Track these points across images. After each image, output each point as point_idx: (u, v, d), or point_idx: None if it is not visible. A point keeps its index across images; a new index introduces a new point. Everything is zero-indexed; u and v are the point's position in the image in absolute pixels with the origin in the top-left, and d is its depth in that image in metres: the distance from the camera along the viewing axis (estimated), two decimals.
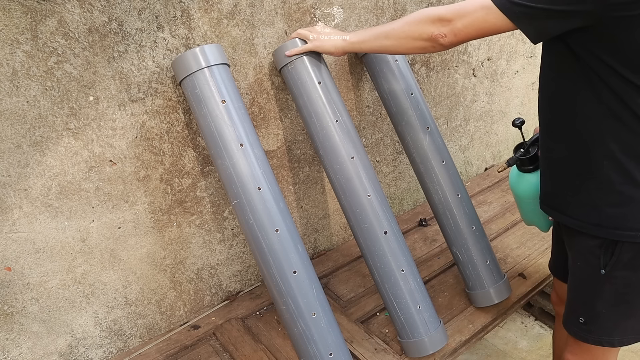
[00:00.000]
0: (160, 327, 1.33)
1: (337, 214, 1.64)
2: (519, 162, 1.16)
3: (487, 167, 2.19)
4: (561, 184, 0.93)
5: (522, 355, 1.72)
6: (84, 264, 1.14)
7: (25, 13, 0.89)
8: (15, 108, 0.93)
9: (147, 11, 1.02)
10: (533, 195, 1.14)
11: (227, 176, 1.04)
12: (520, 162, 1.15)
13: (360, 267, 1.55)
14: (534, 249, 1.60)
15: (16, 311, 1.07)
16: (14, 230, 1.02)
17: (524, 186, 1.16)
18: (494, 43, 1.88)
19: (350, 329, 1.30)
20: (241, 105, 1.07)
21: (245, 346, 1.25)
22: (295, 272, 1.05)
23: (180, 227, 1.27)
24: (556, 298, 1.26)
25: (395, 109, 1.31)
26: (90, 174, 1.07)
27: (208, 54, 1.02)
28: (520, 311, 1.87)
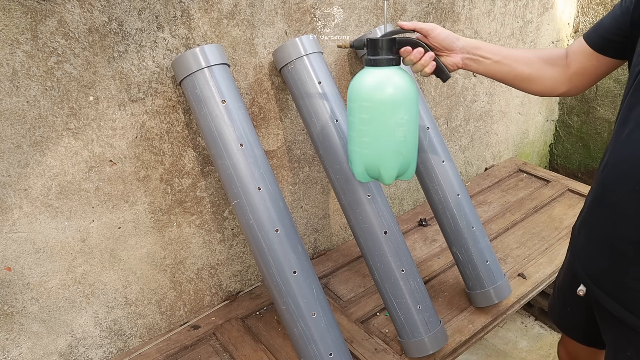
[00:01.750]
0: (160, 327, 1.33)
1: (337, 214, 1.64)
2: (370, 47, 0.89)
3: (487, 167, 2.19)
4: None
5: (522, 355, 1.72)
6: (84, 264, 1.14)
7: (25, 13, 0.89)
8: (15, 108, 0.94)
9: (147, 11, 1.02)
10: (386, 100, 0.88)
11: (227, 176, 1.04)
12: (373, 47, 0.89)
13: (360, 267, 1.55)
14: (534, 249, 1.60)
15: (16, 311, 1.07)
16: (14, 230, 1.02)
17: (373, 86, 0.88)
18: (494, 43, 1.88)
19: (350, 329, 1.30)
20: (241, 105, 1.07)
21: (245, 346, 1.25)
22: (295, 272, 1.05)
23: (180, 227, 1.27)
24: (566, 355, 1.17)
25: None
26: (90, 174, 1.07)
27: (208, 54, 1.02)
28: (520, 311, 1.88)
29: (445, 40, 0.94)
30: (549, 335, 1.79)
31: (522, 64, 0.94)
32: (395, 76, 0.90)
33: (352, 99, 0.92)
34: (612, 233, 0.78)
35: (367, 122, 0.91)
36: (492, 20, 1.82)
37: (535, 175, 2.04)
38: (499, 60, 0.94)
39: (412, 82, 0.93)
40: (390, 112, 0.89)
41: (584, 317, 0.98)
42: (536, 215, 1.78)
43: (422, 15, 1.54)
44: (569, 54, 0.92)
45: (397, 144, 0.92)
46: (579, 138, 2.40)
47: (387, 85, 0.89)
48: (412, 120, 0.92)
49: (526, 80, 0.94)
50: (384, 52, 0.90)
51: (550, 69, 0.92)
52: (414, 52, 0.92)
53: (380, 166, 0.94)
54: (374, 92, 0.89)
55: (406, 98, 0.90)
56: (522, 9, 1.92)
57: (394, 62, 0.91)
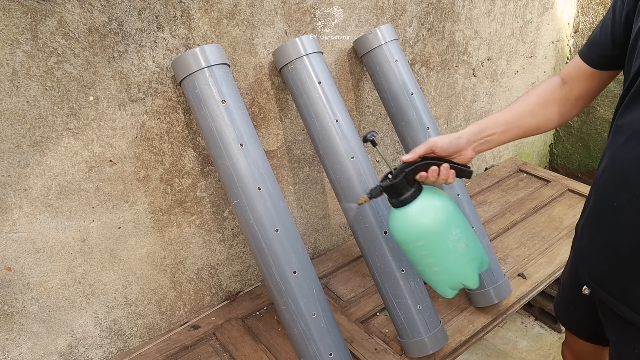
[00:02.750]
0: (160, 327, 1.33)
1: (337, 214, 1.64)
2: (390, 192, 0.91)
3: (487, 167, 2.19)
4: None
5: (522, 355, 1.72)
6: (84, 264, 1.14)
7: (25, 13, 0.89)
8: (15, 108, 0.94)
9: (147, 11, 1.02)
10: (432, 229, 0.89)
11: (227, 176, 1.04)
12: (393, 192, 0.90)
13: (360, 267, 1.55)
14: (534, 249, 1.60)
15: (16, 311, 1.07)
16: (14, 230, 1.02)
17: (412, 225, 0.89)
18: (494, 43, 1.88)
19: (350, 329, 1.30)
20: (241, 105, 1.07)
21: (245, 346, 1.25)
22: (295, 272, 1.05)
23: (180, 227, 1.27)
24: (570, 355, 1.17)
25: (395, 109, 1.31)
26: (90, 174, 1.07)
27: (208, 54, 1.02)
28: (520, 311, 1.87)
29: (450, 147, 0.92)
30: (549, 335, 1.79)
31: (526, 119, 0.93)
32: (428, 202, 0.90)
33: (403, 242, 0.93)
34: (613, 237, 0.78)
35: (429, 255, 0.92)
36: (492, 20, 1.82)
37: (535, 175, 2.04)
38: (503, 130, 0.93)
39: (441, 194, 0.93)
40: (443, 237, 0.90)
41: (587, 314, 0.98)
42: (536, 215, 1.78)
43: (422, 15, 1.54)
44: (567, 81, 0.91)
45: (464, 255, 0.93)
46: (579, 138, 2.40)
47: (427, 215, 0.89)
48: (463, 227, 0.93)
49: (536, 130, 0.94)
50: (406, 190, 0.90)
51: (554, 109, 0.92)
52: (430, 172, 0.91)
53: (461, 280, 0.96)
54: (421, 229, 0.89)
55: (448, 215, 0.90)
56: (522, 9, 1.92)
57: (418, 192, 0.91)
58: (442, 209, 0.90)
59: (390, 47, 1.30)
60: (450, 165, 0.92)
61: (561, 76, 0.93)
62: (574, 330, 1.08)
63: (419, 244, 0.91)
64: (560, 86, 0.92)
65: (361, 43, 1.33)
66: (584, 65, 0.87)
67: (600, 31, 0.84)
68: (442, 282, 0.96)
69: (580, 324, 1.06)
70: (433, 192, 0.93)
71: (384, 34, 1.29)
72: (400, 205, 0.91)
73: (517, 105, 0.94)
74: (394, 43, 1.31)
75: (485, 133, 0.93)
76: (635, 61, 0.73)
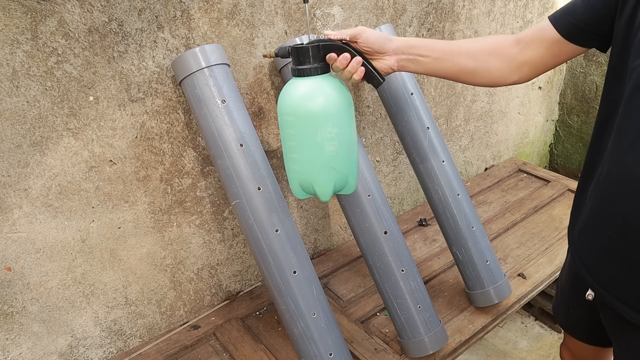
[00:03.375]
0: (160, 327, 1.33)
1: (337, 214, 1.64)
2: (295, 56, 0.84)
3: (487, 167, 2.19)
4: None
5: (522, 355, 1.72)
6: (84, 264, 1.14)
7: (25, 13, 0.89)
8: (15, 108, 0.94)
9: (147, 11, 1.02)
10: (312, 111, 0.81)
11: (227, 176, 1.04)
12: (298, 55, 0.83)
13: (360, 267, 1.55)
14: (534, 249, 1.60)
15: (16, 311, 1.07)
16: (14, 230, 1.02)
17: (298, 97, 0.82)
18: None
19: (350, 329, 1.30)
20: (241, 105, 1.07)
21: (245, 346, 1.25)
22: (295, 272, 1.05)
23: (180, 227, 1.27)
24: (569, 357, 1.15)
25: (395, 109, 1.31)
26: (90, 174, 1.07)
27: (208, 54, 1.02)
28: (520, 311, 1.87)
29: (375, 43, 0.86)
30: (549, 335, 1.79)
31: (465, 57, 0.87)
32: (321, 85, 0.83)
33: (279, 112, 0.86)
34: (621, 244, 0.75)
35: (294, 137, 0.85)
36: (492, 20, 1.82)
37: (535, 175, 2.04)
38: (438, 57, 0.87)
39: (342, 90, 0.85)
40: (315, 126, 0.82)
41: (588, 317, 0.98)
42: (536, 215, 1.78)
43: (422, 15, 1.54)
44: (521, 41, 0.85)
45: (328, 159, 0.85)
46: (579, 138, 2.40)
47: (311, 96, 0.82)
48: (344, 132, 0.85)
49: (471, 74, 0.88)
50: (308, 60, 0.83)
51: (497, 60, 0.86)
52: (340, 58, 0.84)
53: (312, 183, 0.88)
54: (297, 105, 0.82)
55: (334, 109, 0.83)
56: (522, 9, 1.92)
57: (319, 70, 0.84)
58: (330, 100, 0.82)
59: None
60: (364, 62, 0.86)
61: (517, 37, 0.86)
62: (574, 332, 1.07)
63: (290, 119, 0.84)
64: (512, 44, 0.86)
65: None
66: (549, 30, 0.80)
67: (583, 2, 0.76)
68: (294, 173, 0.89)
69: (580, 327, 1.05)
70: (335, 82, 0.85)
71: None
72: (296, 74, 0.84)
73: (461, 42, 0.89)
74: None
75: (417, 50, 0.87)
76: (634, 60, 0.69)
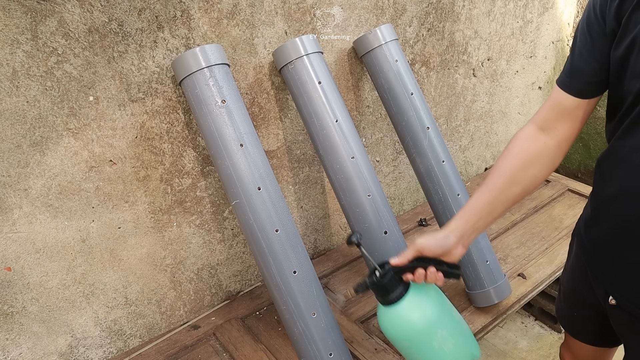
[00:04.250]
0: (160, 327, 1.33)
1: (337, 214, 1.64)
2: (377, 291, 0.88)
3: (487, 167, 2.19)
4: None
5: (522, 355, 1.72)
6: (84, 264, 1.14)
7: (25, 13, 0.89)
8: (15, 108, 0.94)
9: (147, 11, 1.02)
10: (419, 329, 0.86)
11: (227, 176, 1.04)
12: (379, 290, 0.88)
13: (360, 267, 1.55)
14: (534, 249, 1.60)
15: (16, 311, 1.07)
16: (14, 230, 1.02)
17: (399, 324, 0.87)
18: (494, 43, 1.88)
19: (350, 329, 1.30)
20: (241, 105, 1.07)
21: (245, 346, 1.25)
22: (295, 272, 1.05)
23: (180, 227, 1.27)
24: (570, 358, 1.15)
25: (395, 109, 1.31)
26: (90, 174, 1.07)
27: (208, 54, 1.02)
28: (520, 311, 1.87)
29: (438, 249, 0.86)
30: (549, 335, 1.79)
31: (509, 189, 0.85)
32: (412, 303, 0.87)
33: (393, 340, 0.91)
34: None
35: (416, 354, 0.90)
36: (492, 20, 1.82)
37: None
38: (489, 211, 0.86)
39: (429, 292, 0.89)
40: (428, 339, 0.87)
41: (594, 320, 0.97)
42: (536, 215, 1.78)
43: (422, 15, 1.54)
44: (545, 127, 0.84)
45: (451, 354, 0.90)
46: (579, 138, 2.40)
47: (410, 317, 0.86)
48: (451, 327, 0.89)
49: (524, 194, 0.86)
50: (390, 290, 0.87)
51: (536, 166, 0.84)
52: (417, 276, 0.86)
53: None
54: (404, 331, 0.87)
55: (433, 315, 0.87)
56: (522, 9, 1.92)
57: (404, 292, 0.87)
58: (427, 310, 0.87)
59: (390, 47, 1.30)
60: (437, 267, 0.86)
61: (536, 124, 0.85)
62: (579, 335, 1.07)
63: (405, 343, 0.89)
64: (537, 137, 0.84)
65: (361, 43, 1.33)
66: (567, 100, 0.80)
67: (580, 58, 0.77)
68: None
69: (585, 329, 1.04)
70: (420, 291, 0.89)
71: (384, 34, 1.29)
72: (386, 304, 0.88)
73: (495, 178, 0.86)
74: (394, 43, 1.31)
75: (470, 223, 0.86)
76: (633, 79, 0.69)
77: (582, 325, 1.04)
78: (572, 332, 1.08)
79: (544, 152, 0.84)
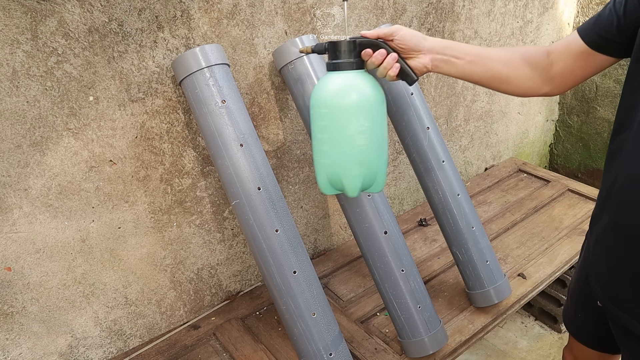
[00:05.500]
0: (160, 327, 1.33)
1: (337, 214, 1.64)
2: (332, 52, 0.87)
3: (487, 167, 2.19)
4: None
5: (522, 355, 1.72)
6: (84, 264, 1.14)
7: (25, 13, 0.89)
8: (15, 108, 0.94)
9: (147, 11, 1.02)
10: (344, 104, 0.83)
11: (227, 176, 1.04)
12: (334, 50, 0.86)
13: (360, 267, 1.55)
14: (534, 249, 1.60)
15: (16, 311, 1.07)
16: (14, 230, 1.02)
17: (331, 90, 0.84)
18: (494, 43, 1.88)
19: (350, 329, 1.30)
20: (241, 105, 1.07)
21: (245, 346, 1.25)
22: (295, 272, 1.05)
23: (180, 227, 1.27)
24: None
25: (395, 109, 1.31)
26: (90, 174, 1.07)
27: (208, 54, 1.02)
28: (521, 311, 1.88)
29: (410, 41, 0.87)
30: (549, 335, 1.79)
31: (498, 63, 0.87)
32: (355, 80, 0.85)
33: (312, 105, 0.88)
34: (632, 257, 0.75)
35: (326, 129, 0.87)
36: (492, 20, 1.82)
37: (535, 175, 2.04)
38: (472, 60, 0.88)
39: (375, 86, 0.88)
40: (348, 119, 0.84)
41: (596, 323, 0.97)
42: (536, 215, 1.78)
43: (422, 15, 1.54)
44: (552, 53, 0.85)
45: (358, 153, 0.87)
46: (579, 138, 2.40)
47: (345, 89, 0.84)
48: (375, 128, 0.87)
49: (503, 82, 0.88)
50: (344, 55, 0.86)
51: (529, 70, 0.86)
52: (376, 54, 0.86)
53: (341, 177, 0.89)
54: (331, 98, 0.85)
55: (367, 103, 0.85)
56: (522, 9, 1.92)
57: (355, 65, 0.86)
58: (363, 94, 0.84)
59: None
60: (399, 59, 0.87)
61: (547, 48, 0.87)
62: (581, 338, 1.07)
63: (323, 110, 0.86)
64: (543, 55, 0.86)
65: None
66: (578, 42, 0.81)
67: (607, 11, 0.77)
68: (324, 167, 0.91)
69: (587, 332, 1.04)
70: (368, 77, 0.87)
71: None
72: (331, 68, 0.87)
73: (495, 49, 0.90)
74: None
75: (452, 52, 0.88)
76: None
77: (584, 328, 1.04)
78: (575, 334, 1.08)
79: (541, 67, 0.86)
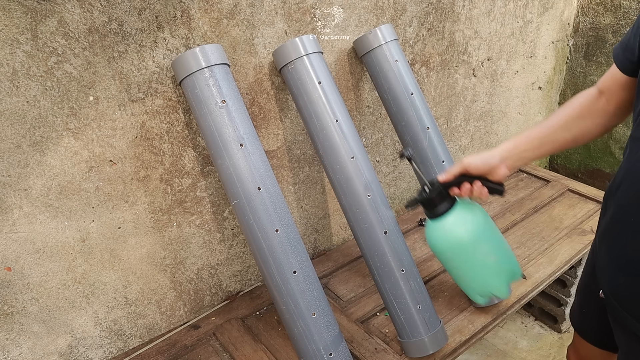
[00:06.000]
0: (160, 327, 1.33)
1: (337, 214, 1.64)
2: (425, 205, 0.95)
3: None
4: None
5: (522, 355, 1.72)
6: (84, 264, 1.14)
7: (25, 13, 0.89)
8: (15, 108, 0.94)
9: (147, 11, 1.02)
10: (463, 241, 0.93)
11: (227, 176, 1.04)
12: (428, 204, 0.95)
13: (360, 267, 1.55)
14: (534, 249, 1.60)
15: (16, 311, 1.07)
16: (14, 230, 1.02)
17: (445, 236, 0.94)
18: (494, 43, 1.88)
19: (350, 329, 1.30)
20: (241, 105, 1.07)
21: (245, 346, 1.25)
22: (295, 272, 1.05)
23: (180, 227, 1.27)
24: (576, 358, 1.16)
25: (395, 109, 1.31)
26: (90, 174, 1.07)
27: (208, 54, 1.02)
28: (521, 311, 1.88)
29: (484, 166, 0.93)
30: (549, 335, 1.79)
31: (561, 133, 0.91)
32: (458, 217, 0.93)
33: (436, 252, 0.98)
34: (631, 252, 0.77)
35: (459, 266, 0.97)
36: (492, 20, 1.82)
37: (535, 175, 2.04)
38: (539, 144, 0.92)
39: (475, 210, 0.95)
40: (471, 251, 0.94)
41: (599, 320, 0.98)
42: (536, 215, 1.78)
43: (422, 15, 1.54)
44: (604, 92, 0.88)
45: (493, 268, 0.96)
46: None
47: (456, 229, 0.93)
48: (494, 241, 0.96)
49: (573, 143, 0.92)
50: (437, 204, 0.94)
51: (590, 121, 0.90)
52: (464, 190, 0.93)
53: (490, 290, 1.01)
54: (449, 242, 0.94)
55: (478, 229, 0.94)
56: (522, 9, 1.92)
57: (450, 206, 0.94)
58: (472, 224, 0.94)
59: (390, 47, 1.30)
60: (483, 182, 0.93)
61: (598, 87, 0.90)
62: (584, 333, 1.08)
63: (448, 255, 0.96)
64: (597, 97, 0.89)
65: (361, 43, 1.33)
66: (617, 72, 0.84)
67: (632, 36, 0.79)
68: (472, 289, 1.03)
69: (591, 329, 1.05)
70: (466, 207, 0.96)
71: (384, 34, 1.29)
72: (433, 217, 0.96)
73: (551, 119, 0.92)
74: (394, 43, 1.31)
75: (518, 149, 0.93)
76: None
77: (587, 323, 1.06)
78: (579, 330, 1.09)
79: (600, 112, 0.89)
